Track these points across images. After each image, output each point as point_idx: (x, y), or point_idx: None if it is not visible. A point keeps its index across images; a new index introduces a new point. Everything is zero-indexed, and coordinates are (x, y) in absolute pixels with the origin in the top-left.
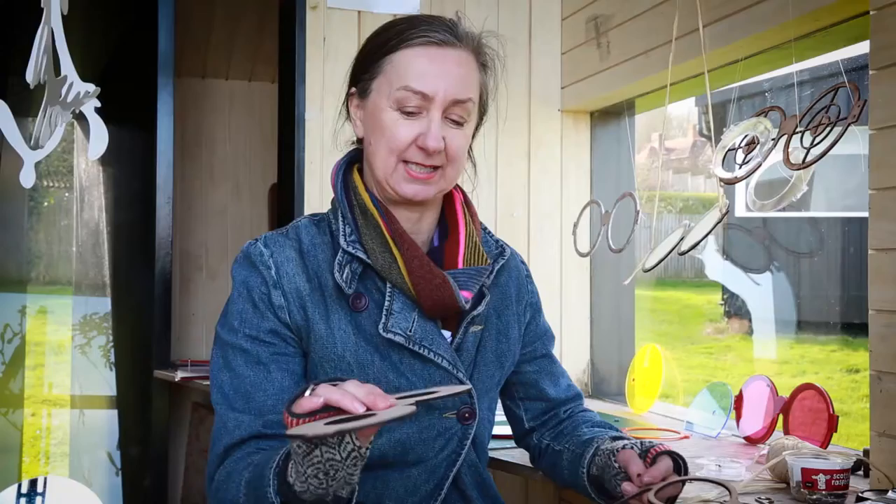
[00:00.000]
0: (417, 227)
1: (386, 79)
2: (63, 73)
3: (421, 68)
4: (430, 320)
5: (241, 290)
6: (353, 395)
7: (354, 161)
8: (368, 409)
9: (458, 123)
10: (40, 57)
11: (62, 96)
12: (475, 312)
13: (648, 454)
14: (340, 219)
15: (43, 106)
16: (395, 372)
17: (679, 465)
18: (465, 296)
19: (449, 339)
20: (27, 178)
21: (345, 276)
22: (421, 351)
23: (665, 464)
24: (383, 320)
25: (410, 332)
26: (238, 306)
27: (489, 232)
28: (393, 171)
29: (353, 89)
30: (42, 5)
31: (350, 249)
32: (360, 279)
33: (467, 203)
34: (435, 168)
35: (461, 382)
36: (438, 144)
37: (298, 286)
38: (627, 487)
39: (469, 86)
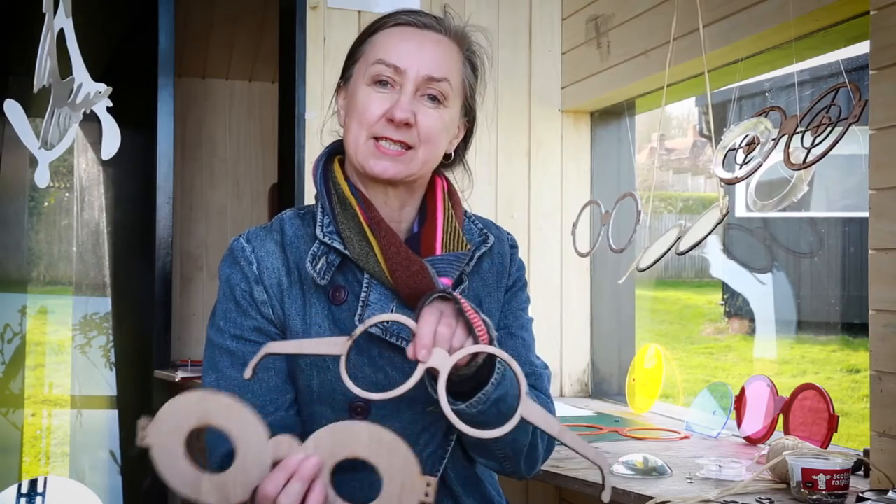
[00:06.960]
0: (400, 214)
1: (364, 59)
2: (72, 75)
3: (396, 44)
4: (410, 310)
5: (225, 289)
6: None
7: (336, 153)
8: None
9: (434, 101)
10: (43, 61)
11: (70, 97)
12: None
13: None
14: (319, 210)
15: (49, 108)
16: (371, 366)
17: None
18: (445, 282)
19: None
20: (42, 178)
21: (319, 267)
22: (399, 343)
23: (424, 320)
24: (359, 312)
25: (388, 323)
26: (223, 306)
27: (475, 220)
28: (363, 146)
29: (341, 81)
30: (44, 10)
31: (326, 240)
32: (339, 271)
33: (450, 191)
34: (407, 148)
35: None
36: (405, 115)
37: (280, 280)
38: (409, 352)
39: (446, 67)
